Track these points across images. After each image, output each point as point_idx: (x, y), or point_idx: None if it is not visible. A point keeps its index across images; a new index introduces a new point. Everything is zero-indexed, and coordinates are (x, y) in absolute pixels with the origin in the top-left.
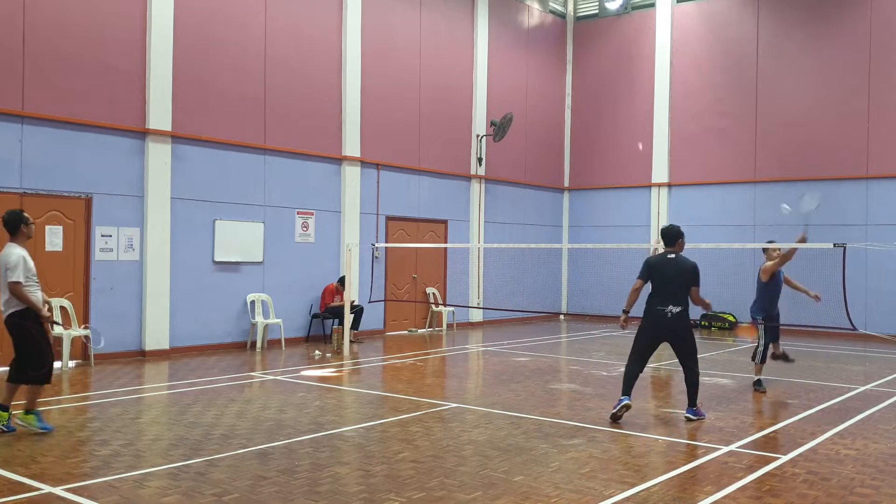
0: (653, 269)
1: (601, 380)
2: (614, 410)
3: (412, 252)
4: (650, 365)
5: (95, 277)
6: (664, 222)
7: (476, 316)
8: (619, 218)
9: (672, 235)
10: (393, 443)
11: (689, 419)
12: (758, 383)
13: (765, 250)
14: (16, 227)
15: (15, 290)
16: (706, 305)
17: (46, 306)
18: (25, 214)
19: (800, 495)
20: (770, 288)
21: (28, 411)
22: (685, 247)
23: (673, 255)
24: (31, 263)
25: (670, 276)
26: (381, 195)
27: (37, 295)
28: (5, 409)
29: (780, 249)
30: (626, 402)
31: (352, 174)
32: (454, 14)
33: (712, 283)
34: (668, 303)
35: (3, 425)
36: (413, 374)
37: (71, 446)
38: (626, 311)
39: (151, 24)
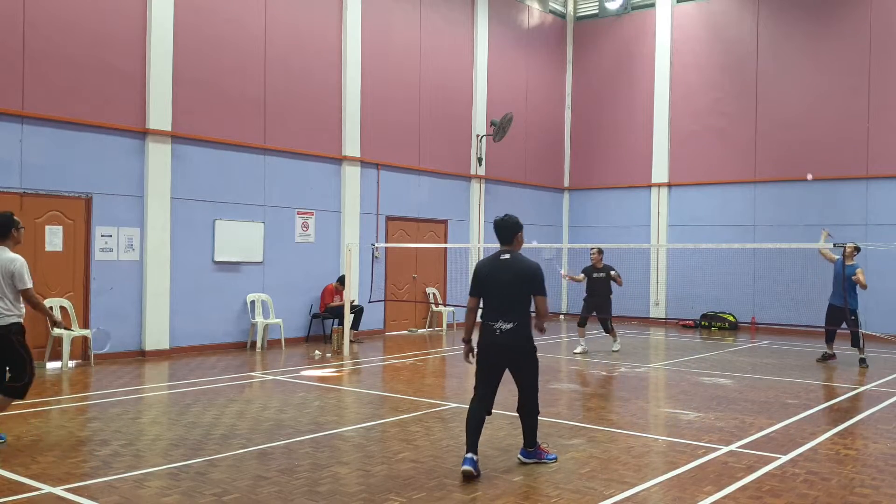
0: (483, 277)
1: (601, 380)
2: (463, 467)
3: (412, 252)
4: (649, 365)
5: (95, 277)
6: (664, 222)
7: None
8: (619, 218)
9: (508, 228)
10: (393, 443)
11: (521, 461)
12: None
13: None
14: (6, 231)
15: (30, 296)
16: (543, 320)
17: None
18: (16, 218)
19: (800, 495)
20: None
21: None
22: (523, 245)
23: (507, 256)
24: None
25: (503, 281)
26: (381, 195)
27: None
28: None
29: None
30: (467, 466)
31: (352, 174)
32: (454, 14)
33: (712, 284)
34: (498, 317)
35: None
36: (413, 374)
37: (71, 446)
38: (466, 341)
39: (151, 24)
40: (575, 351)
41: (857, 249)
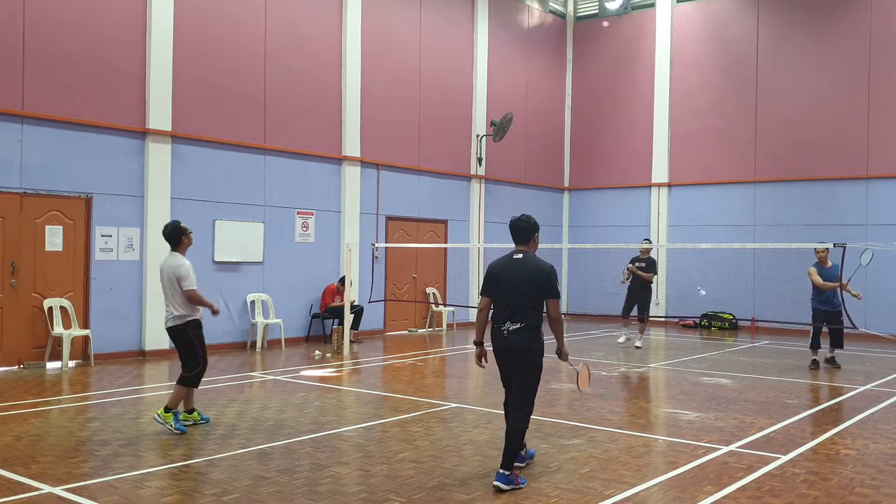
0: (494, 277)
1: (601, 380)
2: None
3: (412, 252)
4: (649, 365)
5: (95, 277)
6: (664, 222)
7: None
8: (619, 218)
9: (525, 229)
10: (393, 443)
11: (498, 489)
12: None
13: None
14: (178, 239)
15: (193, 296)
16: (556, 325)
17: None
18: (184, 225)
19: (800, 495)
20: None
21: (168, 409)
22: (538, 246)
23: (521, 256)
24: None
25: (513, 281)
26: (381, 195)
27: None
28: (190, 412)
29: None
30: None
31: (352, 174)
32: (454, 14)
33: (712, 284)
34: (507, 318)
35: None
36: (413, 374)
37: (71, 446)
38: (477, 343)
39: (151, 24)
40: (618, 341)
41: (827, 251)
